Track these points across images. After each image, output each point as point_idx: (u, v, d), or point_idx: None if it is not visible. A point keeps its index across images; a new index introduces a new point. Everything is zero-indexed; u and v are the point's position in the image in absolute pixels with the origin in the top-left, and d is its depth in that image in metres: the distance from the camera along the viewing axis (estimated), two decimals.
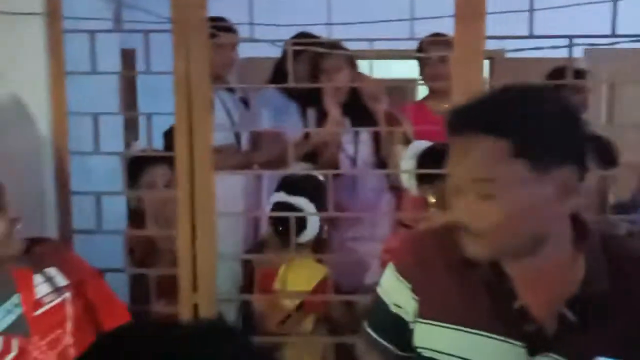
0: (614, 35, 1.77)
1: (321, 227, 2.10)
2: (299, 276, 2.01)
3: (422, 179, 2.00)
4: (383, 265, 2.02)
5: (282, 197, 2.09)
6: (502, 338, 1.00)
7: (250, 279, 2.16)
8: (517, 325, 0.99)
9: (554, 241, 0.97)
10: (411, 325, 1.10)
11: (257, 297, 2.09)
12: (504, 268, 1.02)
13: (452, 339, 1.03)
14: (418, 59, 2.60)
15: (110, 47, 2.26)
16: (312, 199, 2.06)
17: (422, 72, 2.65)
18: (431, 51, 2.34)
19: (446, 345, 1.04)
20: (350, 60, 2.36)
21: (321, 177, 2.12)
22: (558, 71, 2.46)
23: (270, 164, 2.35)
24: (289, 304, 2.00)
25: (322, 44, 2.23)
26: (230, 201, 2.24)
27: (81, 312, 1.45)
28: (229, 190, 2.18)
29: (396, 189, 2.36)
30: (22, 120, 1.79)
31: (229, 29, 2.27)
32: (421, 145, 2.06)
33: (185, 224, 1.81)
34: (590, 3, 1.86)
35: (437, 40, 2.32)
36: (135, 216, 2.13)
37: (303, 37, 2.34)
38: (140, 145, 3.16)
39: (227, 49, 2.43)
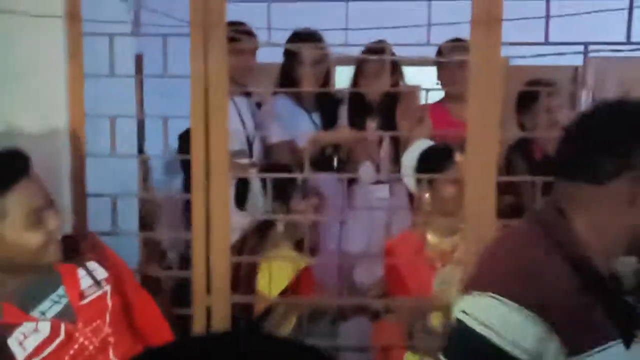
0: (629, 42, 1.78)
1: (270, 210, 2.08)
2: (280, 268, 2.03)
3: (421, 178, 2.02)
4: (386, 268, 2.04)
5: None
6: (625, 337, 1.04)
7: (236, 274, 2.16)
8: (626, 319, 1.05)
9: None
10: None
11: (267, 297, 2.09)
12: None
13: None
14: (436, 63, 2.63)
15: (127, 50, 2.28)
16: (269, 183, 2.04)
17: (439, 76, 2.68)
18: (450, 56, 2.36)
19: None
20: (392, 66, 2.38)
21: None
22: (532, 84, 2.48)
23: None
24: (270, 295, 2.01)
25: (368, 49, 2.27)
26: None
27: (119, 305, 1.51)
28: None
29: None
30: (40, 122, 1.80)
31: (249, 34, 2.28)
32: (423, 145, 2.08)
33: (200, 226, 1.81)
34: (606, 11, 1.87)
35: (456, 45, 2.33)
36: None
37: (298, 36, 2.37)
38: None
39: (246, 53, 2.45)
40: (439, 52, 2.49)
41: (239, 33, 1.99)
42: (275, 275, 2.00)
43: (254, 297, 1.95)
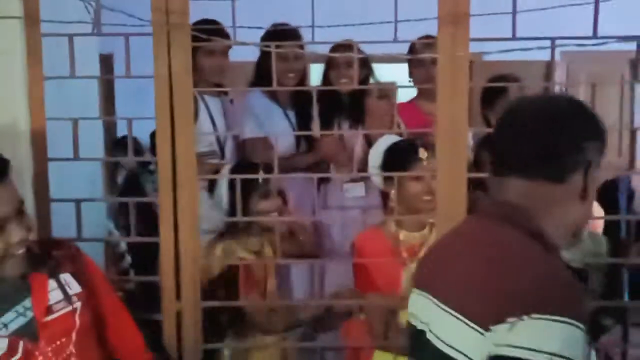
0: (595, 36, 1.78)
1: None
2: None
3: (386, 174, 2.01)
4: (355, 265, 2.02)
5: None
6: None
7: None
8: None
9: None
10: None
11: (244, 301, 2.06)
12: None
13: None
14: (409, 60, 2.62)
15: (90, 51, 2.23)
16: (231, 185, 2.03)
17: (412, 74, 2.66)
18: (424, 53, 2.35)
19: None
20: (362, 61, 2.37)
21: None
22: (496, 80, 2.50)
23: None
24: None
25: (337, 46, 2.27)
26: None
27: (88, 323, 1.44)
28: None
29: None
30: (1, 126, 1.75)
31: (221, 33, 2.23)
32: (387, 141, 2.07)
33: (168, 230, 1.78)
34: (574, 5, 1.87)
35: (430, 42, 2.32)
36: None
37: (276, 32, 2.34)
38: None
39: (219, 54, 2.40)
40: (411, 50, 2.48)
41: (210, 33, 1.95)
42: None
43: (224, 302, 1.92)
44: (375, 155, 2.09)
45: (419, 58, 2.41)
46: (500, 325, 0.92)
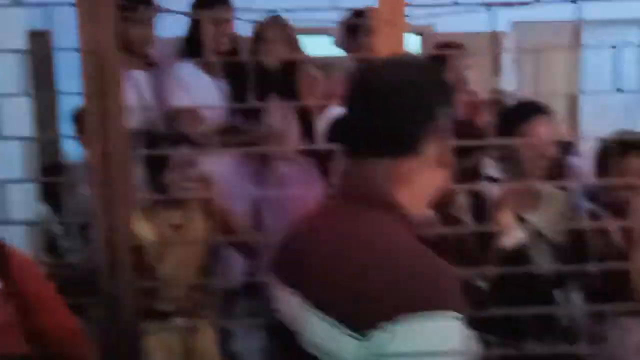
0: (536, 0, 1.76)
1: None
2: None
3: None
4: None
5: None
6: None
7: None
8: None
9: None
10: None
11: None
12: None
13: None
14: (344, 30, 2.57)
15: (17, 28, 2.12)
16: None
17: (348, 46, 2.61)
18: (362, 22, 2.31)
19: None
20: (289, 36, 2.31)
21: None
22: (440, 47, 2.50)
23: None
24: None
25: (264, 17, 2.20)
26: None
27: (6, 321, 1.33)
28: None
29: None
30: None
31: (146, 2, 2.14)
32: (334, 113, 2.04)
33: (101, 212, 1.70)
34: None
35: (364, 11, 2.28)
36: None
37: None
38: None
39: (145, 23, 2.31)
40: (349, 18, 2.43)
41: (137, 2, 1.86)
42: None
43: (160, 282, 1.86)
44: (322, 127, 2.06)
45: (355, 27, 2.37)
46: (375, 332, 0.87)
